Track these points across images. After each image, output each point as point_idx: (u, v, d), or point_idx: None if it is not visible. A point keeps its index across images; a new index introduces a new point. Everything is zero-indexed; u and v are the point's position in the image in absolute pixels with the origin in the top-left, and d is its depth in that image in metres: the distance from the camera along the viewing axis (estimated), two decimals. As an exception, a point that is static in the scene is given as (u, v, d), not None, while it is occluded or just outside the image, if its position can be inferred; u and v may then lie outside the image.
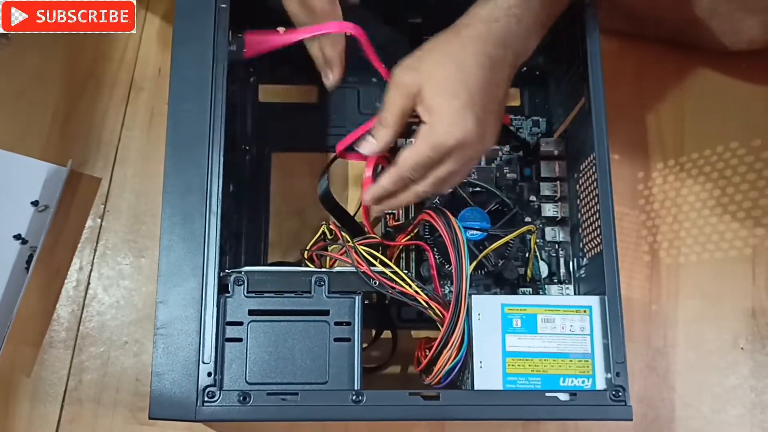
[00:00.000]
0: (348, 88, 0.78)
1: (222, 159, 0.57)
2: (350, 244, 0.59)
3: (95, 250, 0.77)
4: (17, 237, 0.76)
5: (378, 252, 0.60)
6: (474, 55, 0.56)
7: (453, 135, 0.54)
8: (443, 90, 0.55)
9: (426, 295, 0.57)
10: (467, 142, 0.55)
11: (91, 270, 0.76)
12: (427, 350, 0.59)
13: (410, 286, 0.57)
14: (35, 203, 0.77)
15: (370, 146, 0.59)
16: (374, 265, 0.58)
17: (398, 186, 0.58)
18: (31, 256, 0.75)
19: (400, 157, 0.56)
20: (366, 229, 0.69)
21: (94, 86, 0.81)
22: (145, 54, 0.83)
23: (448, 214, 0.60)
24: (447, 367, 0.57)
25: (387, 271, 0.57)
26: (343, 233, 0.61)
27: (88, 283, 0.76)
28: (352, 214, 0.73)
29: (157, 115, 0.80)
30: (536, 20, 0.59)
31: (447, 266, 0.62)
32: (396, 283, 0.57)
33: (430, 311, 0.57)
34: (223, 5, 0.60)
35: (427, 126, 0.55)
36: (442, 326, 0.56)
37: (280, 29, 0.58)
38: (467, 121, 0.55)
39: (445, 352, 0.56)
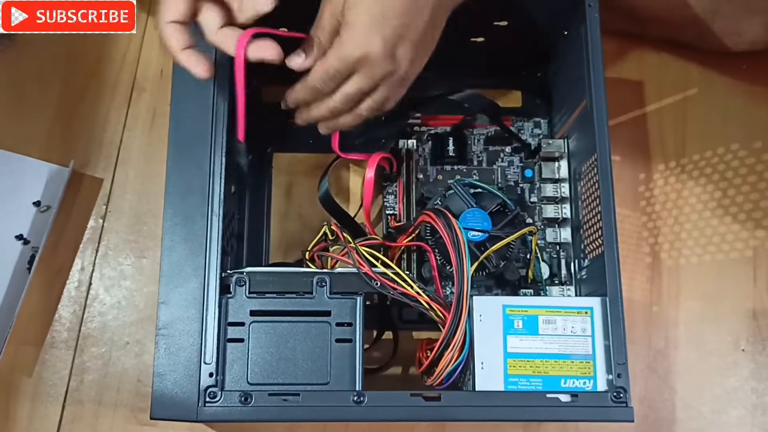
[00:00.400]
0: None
1: (223, 160, 0.58)
2: (351, 245, 0.59)
3: (97, 251, 0.77)
4: (19, 237, 0.76)
5: (380, 253, 0.61)
6: None
7: (357, 48, 0.54)
8: (358, 3, 0.54)
9: (427, 296, 0.57)
10: (372, 58, 0.54)
11: (92, 270, 0.76)
12: (428, 351, 0.59)
13: (411, 287, 0.57)
14: (37, 204, 0.77)
15: (298, 60, 0.57)
16: (375, 266, 0.58)
17: (310, 96, 0.58)
18: (32, 257, 0.75)
19: (311, 68, 0.57)
20: (367, 230, 0.69)
21: (96, 87, 0.81)
22: (147, 55, 0.83)
23: (449, 215, 0.60)
24: (449, 369, 0.57)
25: (388, 272, 0.58)
26: (344, 234, 0.61)
27: (90, 284, 0.76)
28: (353, 214, 0.74)
29: (158, 116, 0.80)
30: None
31: (448, 267, 0.62)
32: (397, 284, 0.57)
33: (431, 312, 0.57)
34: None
35: (337, 38, 0.55)
36: (444, 327, 0.56)
37: (283, 29, 0.58)
38: (373, 38, 0.54)
39: (446, 353, 0.56)
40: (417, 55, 0.57)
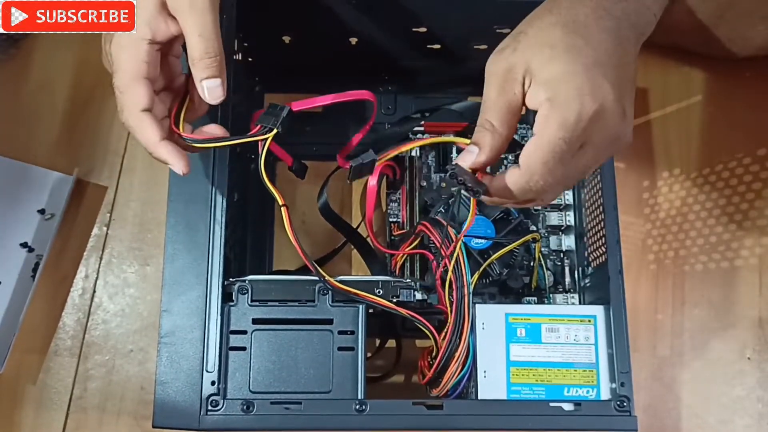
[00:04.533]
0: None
1: (226, 168, 0.58)
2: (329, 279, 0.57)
3: (101, 259, 0.77)
4: (24, 245, 0.76)
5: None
6: (592, 9, 0.45)
7: (587, 104, 0.42)
8: (560, 53, 0.43)
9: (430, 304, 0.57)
10: (607, 109, 0.43)
11: (96, 278, 0.76)
12: (430, 359, 0.59)
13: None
14: (42, 211, 0.77)
15: (471, 157, 0.46)
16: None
17: (521, 191, 0.46)
18: (37, 264, 0.75)
19: (523, 155, 0.44)
20: (369, 238, 0.69)
21: (101, 95, 0.82)
22: (152, 63, 0.83)
23: (446, 224, 0.59)
24: (454, 380, 0.56)
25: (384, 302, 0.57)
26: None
27: (94, 291, 0.76)
28: (357, 223, 0.74)
29: (163, 123, 0.80)
30: None
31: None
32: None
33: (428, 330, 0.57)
34: (229, 13, 0.61)
35: (547, 104, 0.43)
36: (444, 340, 0.56)
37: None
38: (602, 83, 0.42)
39: (451, 365, 0.56)
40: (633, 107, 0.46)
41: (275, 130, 0.52)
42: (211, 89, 0.49)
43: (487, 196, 0.47)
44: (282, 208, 0.54)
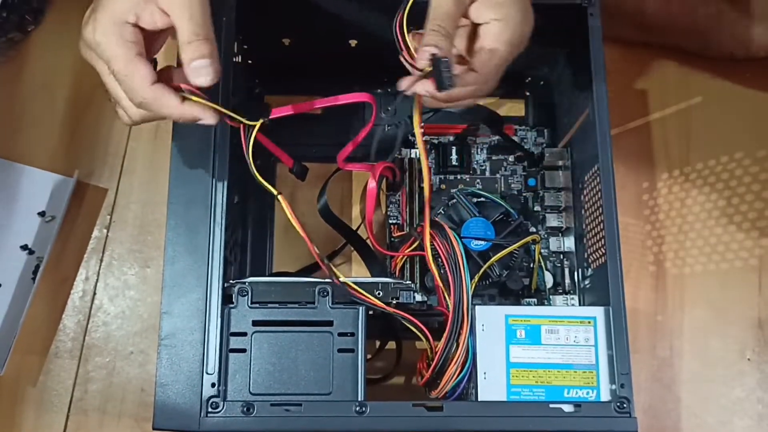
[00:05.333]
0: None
1: (226, 170, 0.58)
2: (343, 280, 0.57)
3: (101, 261, 0.77)
4: (24, 247, 0.76)
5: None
6: None
7: (526, 28, 0.54)
8: None
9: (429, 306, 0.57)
10: (530, 33, 0.54)
11: (97, 280, 0.76)
12: (428, 362, 0.59)
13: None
14: (42, 214, 0.77)
15: (428, 53, 0.51)
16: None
17: (475, 93, 0.55)
18: (37, 267, 0.75)
19: (479, 62, 0.53)
20: (369, 240, 0.69)
21: (101, 97, 0.82)
22: (152, 65, 0.83)
23: (445, 226, 0.59)
24: (452, 383, 0.56)
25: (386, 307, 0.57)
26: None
27: (94, 294, 0.76)
28: (356, 225, 0.74)
29: (162, 126, 0.80)
30: None
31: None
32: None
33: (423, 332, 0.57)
34: (229, 16, 0.61)
35: (498, 24, 0.53)
36: (441, 341, 0.56)
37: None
38: (531, 11, 0.54)
39: (450, 367, 0.56)
40: None
41: (262, 120, 0.53)
42: (198, 69, 0.49)
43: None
44: (279, 197, 0.54)
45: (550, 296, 0.70)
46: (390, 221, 0.73)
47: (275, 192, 0.54)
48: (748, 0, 0.76)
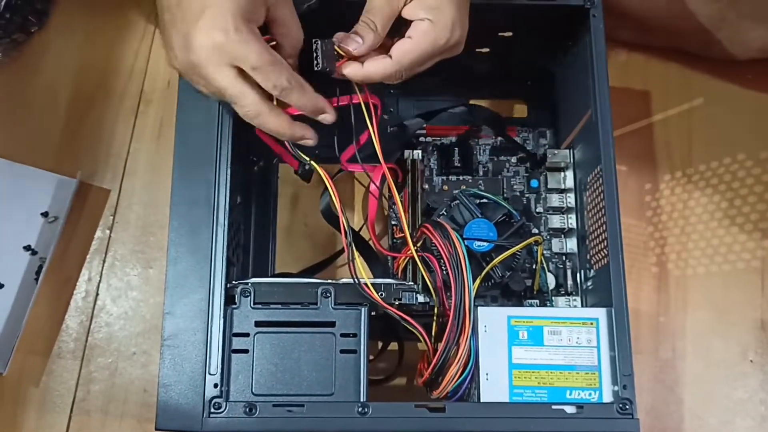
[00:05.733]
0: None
1: (229, 171, 0.58)
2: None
3: (104, 261, 0.77)
4: (27, 248, 0.76)
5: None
6: None
7: (455, 34, 0.56)
8: None
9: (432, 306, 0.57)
10: (461, 41, 0.57)
11: (99, 281, 0.76)
12: (428, 363, 0.59)
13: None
14: (45, 214, 0.77)
15: (356, 44, 0.57)
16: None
17: (386, 77, 0.57)
18: (40, 267, 0.75)
19: (398, 51, 0.56)
20: (371, 241, 0.69)
21: (104, 98, 0.82)
22: (155, 66, 0.83)
23: (447, 227, 0.59)
24: (454, 383, 0.56)
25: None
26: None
27: (97, 294, 0.76)
28: (359, 226, 0.74)
29: (165, 127, 0.81)
30: None
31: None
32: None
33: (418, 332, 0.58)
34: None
35: (428, 23, 0.55)
36: (441, 341, 0.56)
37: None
38: (465, 22, 0.57)
39: (452, 368, 0.56)
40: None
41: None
42: (324, 117, 0.58)
43: (335, 76, 0.57)
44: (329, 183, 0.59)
45: (553, 297, 0.70)
46: (392, 222, 0.73)
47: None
48: (749, 1, 0.76)
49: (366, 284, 0.57)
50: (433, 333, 0.60)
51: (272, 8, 0.55)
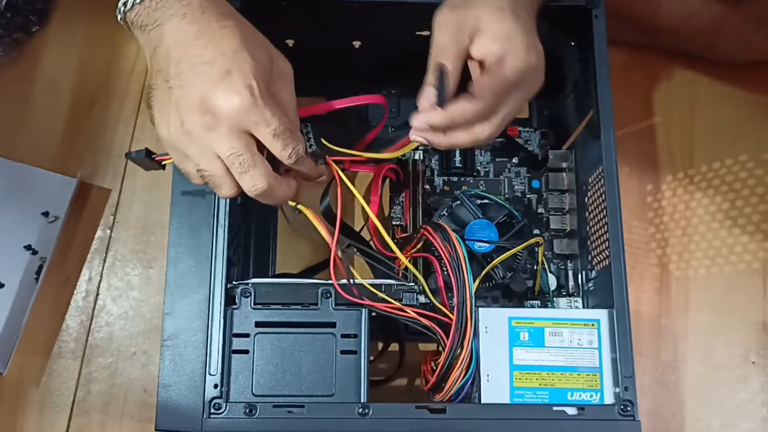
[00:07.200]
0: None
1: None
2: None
3: (104, 261, 0.77)
4: (27, 247, 0.76)
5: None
6: None
7: (532, 57, 0.53)
8: (509, 16, 0.53)
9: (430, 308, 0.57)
10: (540, 65, 0.54)
11: (100, 280, 0.76)
12: (433, 364, 0.59)
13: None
14: (45, 214, 0.77)
15: (428, 98, 0.54)
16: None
17: (469, 119, 0.54)
18: (40, 267, 0.75)
19: (478, 89, 0.53)
20: (372, 241, 0.69)
21: (105, 98, 0.82)
22: (156, 66, 0.83)
23: (447, 228, 0.59)
24: (457, 386, 0.56)
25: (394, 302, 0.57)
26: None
27: (97, 294, 0.76)
28: (360, 226, 0.73)
29: (166, 126, 0.80)
30: None
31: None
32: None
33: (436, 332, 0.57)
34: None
35: (502, 51, 0.53)
36: (446, 344, 0.56)
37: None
38: (538, 44, 0.54)
39: (454, 371, 0.56)
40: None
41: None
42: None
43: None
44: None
45: (554, 298, 0.70)
46: (393, 223, 0.73)
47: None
48: (750, 4, 0.76)
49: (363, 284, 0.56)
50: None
51: (274, 87, 0.52)
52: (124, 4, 0.51)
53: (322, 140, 0.57)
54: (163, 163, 0.56)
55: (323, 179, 0.57)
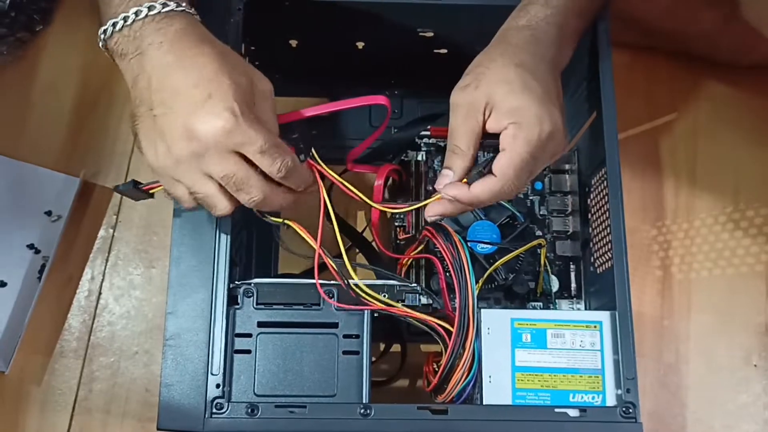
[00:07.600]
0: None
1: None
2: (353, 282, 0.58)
3: (107, 260, 0.77)
4: (30, 246, 0.76)
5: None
6: (531, 54, 0.56)
7: (545, 127, 0.53)
8: (517, 88, 0.54)
9: (434, 310, 0.57)
10: (558, 130, 0.54)
11: (102, 280, 0.76)
12: (435, 365, 0.59)
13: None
14: (48, 213, 0.77)
15: (447, 179, 0.56)
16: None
17: (498, 196, 0.55)
18: (43, 266, 0.75)
19: (498, 167, 0.54)
20: (375, 242, 0.69)
21: (108, 98, 0.82)
22: (159, 66, 0.83)
23: (449, 229, 0.59)
24: (459, 387, 0.56)
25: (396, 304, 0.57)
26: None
27: (100, 293, 0.76)
28: (362, 227, 0.73)
29: (169, 126, 0.81)
30: (572, 29, 0.60)
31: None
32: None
33: (438, 332, 0.57)
34: (236, 17, 0.61)
35: (514, 127, 0.53)
36: (448, 345, 0.56)
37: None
38: (552, 111, 0.54)
39: (456, 372, 0.56)
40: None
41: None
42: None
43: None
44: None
45: (556, 300, 0.69)
46: (396, 224, 0.73)
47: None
48: (752, 8, 0.76)
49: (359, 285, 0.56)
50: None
51: (256, 107, 0.52)
52: (104, 32, 0.52)
53: (312, 151, 0.57)
54: (151, 191, 0.56)
55: (313, 190, 0.57)
